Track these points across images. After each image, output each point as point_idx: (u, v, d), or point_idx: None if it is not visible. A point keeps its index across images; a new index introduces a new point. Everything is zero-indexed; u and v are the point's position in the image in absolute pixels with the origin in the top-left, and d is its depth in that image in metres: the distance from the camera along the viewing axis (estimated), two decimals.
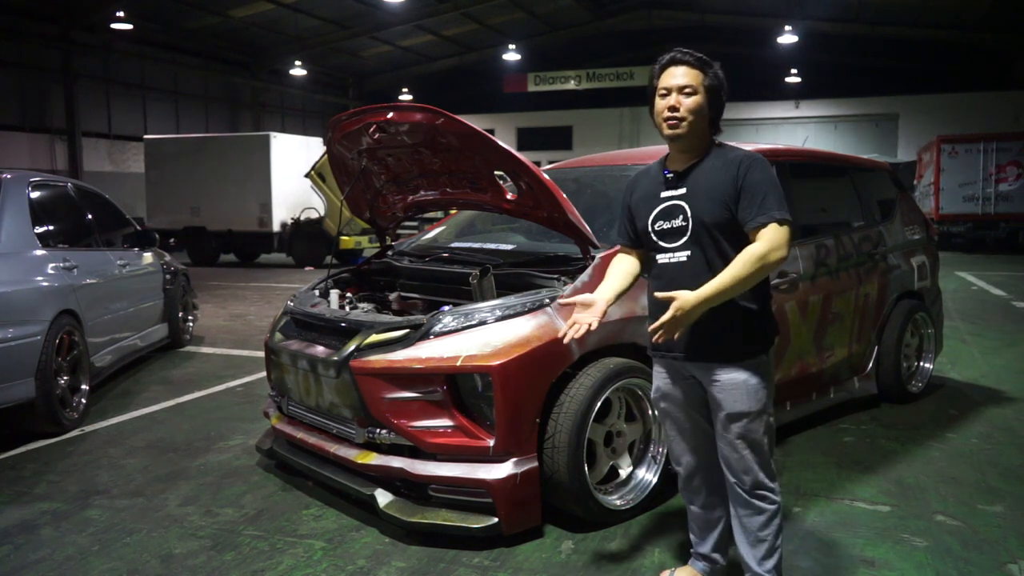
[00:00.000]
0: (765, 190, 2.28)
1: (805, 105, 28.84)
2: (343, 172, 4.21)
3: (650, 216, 2.46)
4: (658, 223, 2.43)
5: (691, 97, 2.34)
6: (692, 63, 2.36)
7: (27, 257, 4.63)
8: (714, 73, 2.38)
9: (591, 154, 5.52)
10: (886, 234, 4.93)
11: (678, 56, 2.38)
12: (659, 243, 2.44)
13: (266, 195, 16.48)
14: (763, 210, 2.26)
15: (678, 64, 2.37)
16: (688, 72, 2.35)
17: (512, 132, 31.58)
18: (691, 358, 2.41)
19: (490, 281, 3.48)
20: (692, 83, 2.34)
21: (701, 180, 2.38)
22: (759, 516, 2.40)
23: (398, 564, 2.90)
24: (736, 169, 2.32)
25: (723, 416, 2.37)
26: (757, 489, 2.39)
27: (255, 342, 7.37)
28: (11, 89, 20.38)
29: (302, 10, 23.21)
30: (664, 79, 2.38)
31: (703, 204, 2.33)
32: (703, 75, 2.36)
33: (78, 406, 4.83)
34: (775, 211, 2.26)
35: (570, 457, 3.02)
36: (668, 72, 2.38)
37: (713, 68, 2.39)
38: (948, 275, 11.55)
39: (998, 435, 4.34)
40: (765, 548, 2.41)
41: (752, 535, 2.42)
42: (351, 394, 3.23)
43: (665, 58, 2.41)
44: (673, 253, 2.40)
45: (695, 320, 2.25)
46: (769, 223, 2.25)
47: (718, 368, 2.36)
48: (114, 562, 2.96)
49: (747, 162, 2.33)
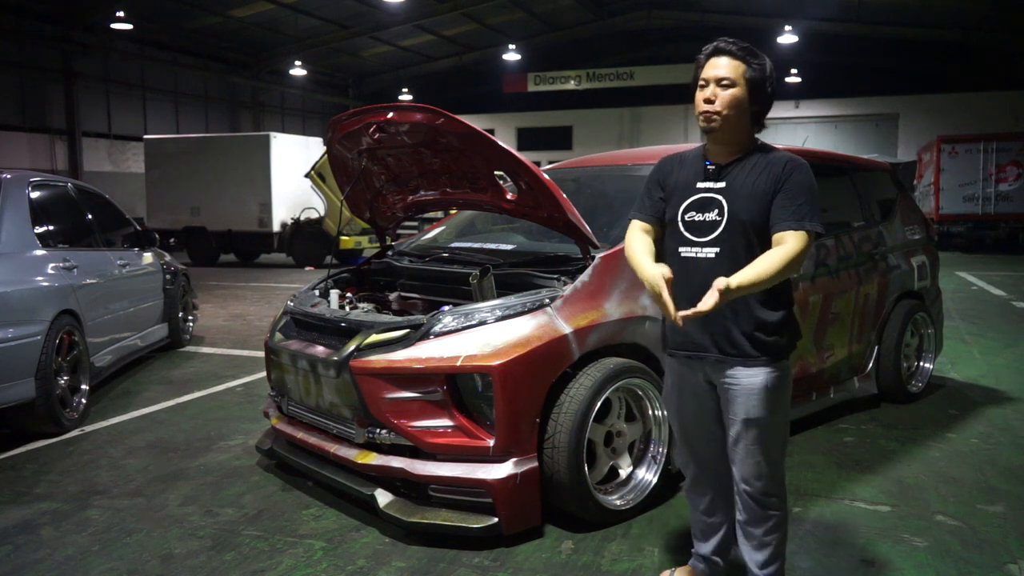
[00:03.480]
0: (804, 197, 2.24)
1: (805, 105, 28.82)
2: (343, 172, 4.21)
3: (682, 205, 2.36)
4: (689, 214, 2.34)
5: (729, 90, 2.24)
6: (735, 53, 2.25)
7: (27, 257, 4.63)
8: (759, 64, 2.26)
9: (591, 154, 5.52)
10: (886, 234, 4.93)
11: (721, 45, 2.28)
12: (686, 235, 2.34)
13: (266, 195, 16.48)
14: (799, 216, 2.21)
15: (720, 54, 2.27)
16: (729, 63, 2.25)
17: (512, 132, 31.57)
18: (712, 357, 2.33)
19: (490, 281, 3.48)
20: (731, 75, 2.24)
21: (743, 178, 2.30)
22: (766, 522, 2.37)
23: (398, 564, 2.90)
24: (780, 169, 2.27)
25: (740, 421, 2.31)
26: (767, 496, 2.35)
27: (255, 342, 7.37)
28: (11, 89, 20.37)
29: (302, 10, 23.21)
30: (705, 70, 2.28)
31: (743, 202, 2.26)
32: (746, 66, 2.25)
33: (78, 406, 4.83)
34: (808, 221, 2.21)
35: (570, 457, 3.02)
36: (710, 63, 2.28)
37: (759, 59, 2.27)
38: (948, 275, 11.55)
39: (998, 435, 4.34)
40: (768, 553, 2.39)
41: (756, 540, 2.39)
42: (351, 394, 3.23)
43: (710, 47, 2.30)
44: (701, 248, 2.30)
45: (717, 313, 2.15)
46: (800, 230, 2.21)
47: (738, 370, 2.30)
48: (114, 562, 2.96)
49: (792, 164, 2.28)
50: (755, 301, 2.27)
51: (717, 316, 2.23)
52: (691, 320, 2.14)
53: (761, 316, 2.28)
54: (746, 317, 2.28)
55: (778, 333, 2.31)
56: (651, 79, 27.38)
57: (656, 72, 27.50)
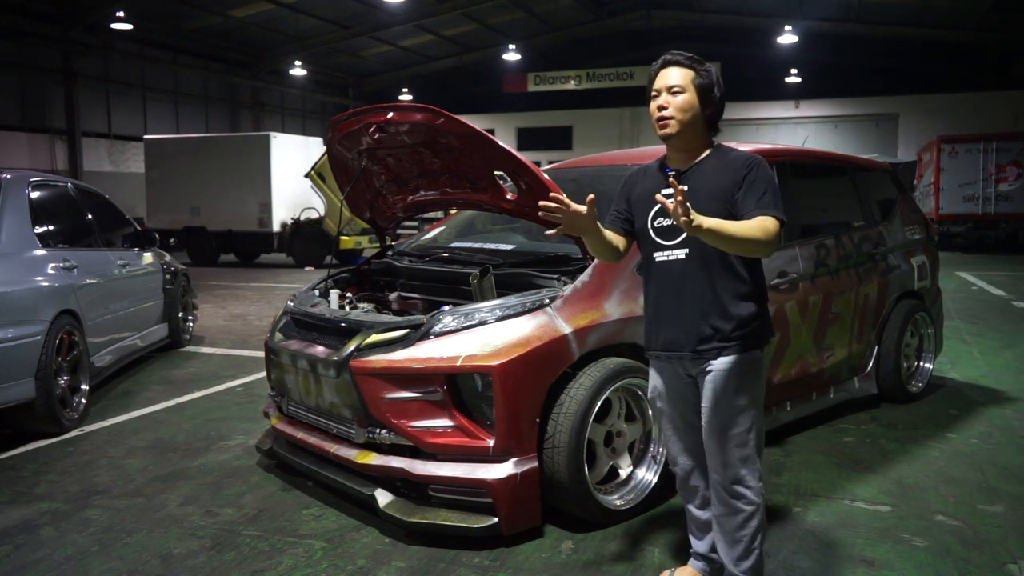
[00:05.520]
0: (766, 187, 2.32)
1: (805, 105, 28.83)
2: (343, 172, 4.21)
3: (650, 213, 2.47)
4: (658, 220, 2.45)
5: (679, 96, 2.37)
6: (682, 62, 2.41)
7: (27, 257, 4.63)
8: (705, 71, 2.41)
9: (591, 154, 5.52)
10: (886, 234, 4.93)
11: (669, 58, 2.43)
12: (657, 240, 2.45)
13: (266, 195, 16.48)
14: (762, 205, 2.29)
15: (669, 65, 2.42)
16: (679, 72, 2.39)
17: (512, 132, 31.57)
18: (688, 355, 2.41)
19: (490, 281, 3.48)
20: (680, 82, 2.37)
21: (703, 179, 2.40)
22: (735, 516, 2.40)
23: (398, 564, 2.90)
24: (740, 169, 2.35)
25: (709, 408, 2.39)
26: (735, 485, 2.39)
27: (255, 342, 7.37)
28: (11, 89, 20.37)
29: (302, 10, 23.21)
30: (657, 81, 2.43)
31: (704, 203, 2.33)
32: (694, 73, 2.39)
33: (78, 406, 4.83)
34: (772, 208, 2.29)
35: (570, 457, 3.02)
36: (661, 74, 2.43)
37: (704, 66, 2.42)
38: (948, 275, 11.56)
39: (998, 435, 4.34)
40: (741, 549, 2.41)
41: (729, 535, 2.43)
42: (351, 394, 3.23)
43: (658, 62, 2.47)
44: (672, 251, 2.42)
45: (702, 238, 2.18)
46: (767, 215, 2.27)
47: (711, 362, 2.38)
48: (114, 562, 2.96)
49: (752, 162, 2.36)
50: (728, 296, 2.36)
51: (692, 317, 2.37)
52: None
53: (732, 310, 2.36)
54: (719, 313, 2.36)
55: (752, 323, 2.39)
56: None
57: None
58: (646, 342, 2.56)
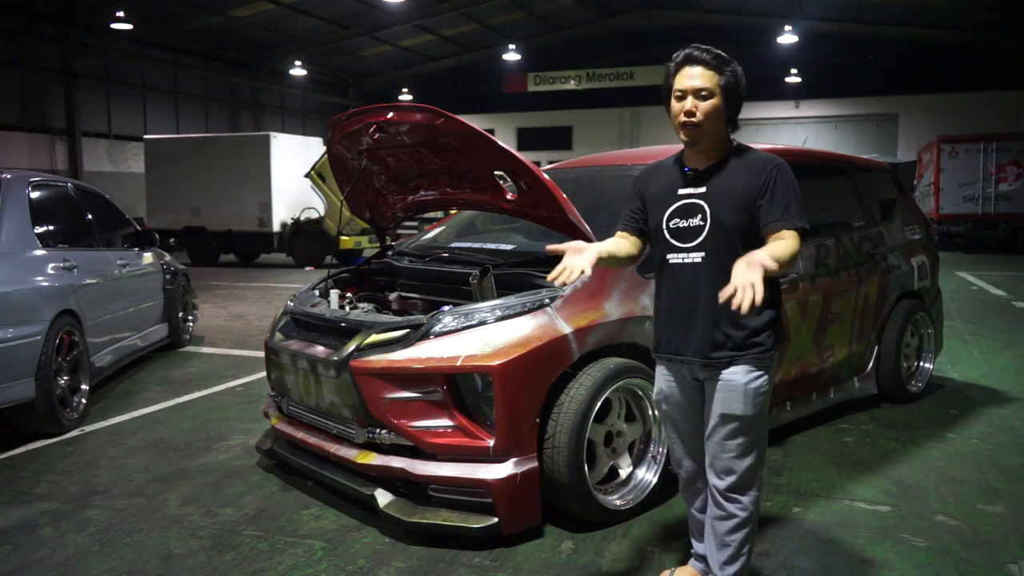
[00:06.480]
0: (789, 197, 2.27)
1: (805, 105, 28.83)
2: (343, 172, 4.21)
3: (665, 213, 2.40)
4: (673, 220, 2.38)
5: (707, 101, 2.26)
6: (709, 62, 2.27)
7: (27, 257, 4.63)
8: (731, 71, 2.29)
9: (591, 154, 5.52)
10: (886, 234, 4.93)
11: (694, 55, 2.29)
12: (672, 242, 2.38)
13: (266, 195, 16.48)
14: (787, 216, 2.25)
15: (694, 64, 2.28)
16: (704, 73, 2.26)
17: (512, 132, 31.57)
18: (699, 362, 2.36)
19: (490, 281, 3.48)
20: (708, 85, 2.26)
21: (724, 181, 2.33)
22: (728, 521, 2.39)
23: (398, 564, 2.90)
24: (760, 173, 2.29)
25: (717, 415, 2.35)
26: (733, 492, 2.37)
27: (255, 342, 7.37)
28: (11, 89, 20.36)
29: (302, 10, 23.21)
30: (680, 79, 2.30)
31: (726, 205, 2.29)
32: (719, 75, 2.27)
33: (78, 406, 4.83)
34: (798, 219, 2.26)
35: (570, 457, 3.02)
36: (684, 72, 2.29)
37: (731, 66, 2.30)
38: (948, 275, 11.55)
39: (998, 435, 4.34)
40: (729, 553, 2.40)
41: (719, 538, 2.42)
42: (351, 394, 3.23)
43: (680, 56, 2.31)
44: (687, 253, 2.35)
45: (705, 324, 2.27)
46: (791, 229, 2.25)
47: (722, 370, 2.34)
48: (114, 562, 2.96)
49: (775, 166, 2.31)
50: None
51: (704, 323, 2.32)
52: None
53: (745, 318, 2.29)
54: (732, 321, 2.30)
55: (766, 331, 2.35)
56: (651, 79, 27.34)
57: (656, 72, 27.41)
58: (655, 344, 2.51)
